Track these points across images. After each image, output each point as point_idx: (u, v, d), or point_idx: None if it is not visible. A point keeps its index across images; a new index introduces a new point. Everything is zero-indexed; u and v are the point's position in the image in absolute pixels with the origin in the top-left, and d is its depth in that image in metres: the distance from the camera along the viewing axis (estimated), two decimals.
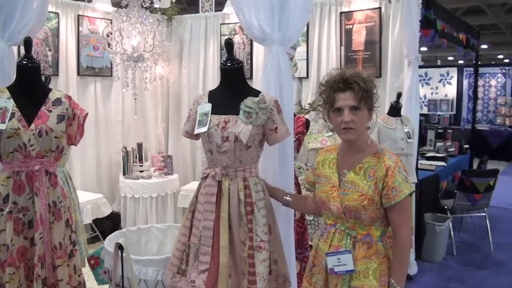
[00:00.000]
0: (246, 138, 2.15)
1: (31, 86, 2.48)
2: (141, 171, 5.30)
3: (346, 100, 1.91)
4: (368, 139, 2.02)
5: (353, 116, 1.91)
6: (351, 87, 1.91)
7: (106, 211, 5.00)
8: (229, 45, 2.35)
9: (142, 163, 5.36)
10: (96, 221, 5.01)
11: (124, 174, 5.28)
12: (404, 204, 1.91)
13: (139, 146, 5.41)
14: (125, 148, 5.34)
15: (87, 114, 2.60)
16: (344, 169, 2.03)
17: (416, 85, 4.36)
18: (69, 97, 2.55)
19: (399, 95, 4.11)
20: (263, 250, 2.20)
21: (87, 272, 3.12)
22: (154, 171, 5.37)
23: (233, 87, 2.32)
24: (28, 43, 2.49)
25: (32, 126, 2.36)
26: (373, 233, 1.97)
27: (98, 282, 3.02)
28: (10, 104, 2.40)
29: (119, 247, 2.32)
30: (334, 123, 1.98)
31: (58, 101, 2.49)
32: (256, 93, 2.27)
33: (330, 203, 2.01)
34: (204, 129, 2.20)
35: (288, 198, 2.35)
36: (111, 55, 4.01)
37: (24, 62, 2.46)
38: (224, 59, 2.35)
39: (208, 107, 2.26)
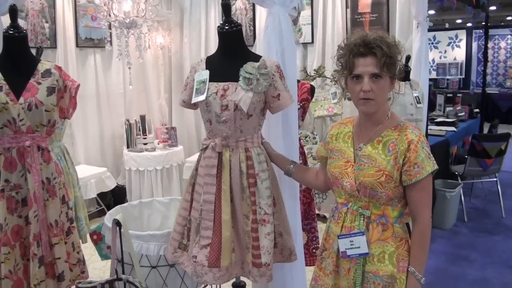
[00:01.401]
0: (247, 106, 2.01)
1: (18, 57, 2.34)
2: (145, 144, 5.25)
3: (367, 67, 1.72)
4: (388, 111, 1.84)
5: (373, 84, 1.72)
6: (373, 52, 1.71)
7: (110, 184, 5.00)
8: (226, 6, 2.19)
9: (146, 135, 5.31)
10: (102, 194, 4.98)
11: (128, 147, 5.23)
12: (426, 183, 1.76)
13: (142, 118, 5.34)
14: (128, 120, 5.27)
15: (78, 85, 2.47)
16: (360, 142, 1.86)
17: (426, 47, 4.22)
18: (59, 68, 2.42)
19: (407, 58, 3.96)
20: (267, 223, 2.10)
21: (92, 247, 3.07)
22: (158, 143, 5.32)
23: (231, 52, 2.18)
24: (13, 11, 2.33)
25: (21, 99, 2.24)
26: (389, 213, 1.81)
27: (102, 257, 2.99)
28: None
29: (117, 223, 2.23)
30: (352, 92, 1.80)
31: (47, 73, 2.36)
32: (256, 58, 2.12)
33: (343, 180, 1.85)
34: (202, 97, 2.07)
35: (291, 168, 2.21)
36: (102, 22, 3.87)
37: (11, 32, 2.31)
38: (221, 22, 2.20)
39: (205, 74, 2.12)
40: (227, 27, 2.17)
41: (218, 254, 2.07)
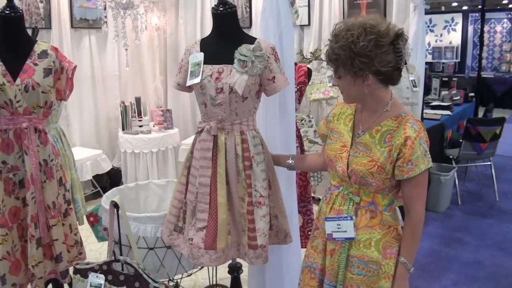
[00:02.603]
0: (242, 89, 2.01)
1: (14, 37, 2.32)
2: (141, 126, 5.22)
3: None
4: (388, 101, 1.79)
5: (338, 82, 1.81)
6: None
7: (106, 167, 4.99)
8: None
9: (141, 117, 5.28)
10: (97, 177, 4.98)
11: (123, 129, 5.21)
12: (421, 179, 1.74)
13: (138, 100, 5.31)
14: (123, 102, 5.24)
15: (75, 66, 2.46)
16: (360, 129, 1.84)
17: (422, 31, 4.21)
18: (55, 49, 2.41)
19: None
20: (263, 205, 2.12)
21: (88, 229, 3.08)
22: (154, 126, 5.30)
23: (226, 34, 2.16)
24: None
25: (18, 81, 2.23)
26: (378, 201, 1.81)
27: (98, 239, 3.00)
28: None
29: (115, 205, 2.24)
30: None
31: (44, 54, 2.34)
32: (251, 40, 2.11)
33: (336, 163, 1.85)
34: (197, 80, 2.06)
35: (290, 162, 2.22)
36: (99, 3, 3.82)
37: (7, 12, 2.29)
38: (216, 3, 2.18)
39: (200, 56, 2.11)
40: (221, 8, 2.15)
41: (214, 236, 2.09)
